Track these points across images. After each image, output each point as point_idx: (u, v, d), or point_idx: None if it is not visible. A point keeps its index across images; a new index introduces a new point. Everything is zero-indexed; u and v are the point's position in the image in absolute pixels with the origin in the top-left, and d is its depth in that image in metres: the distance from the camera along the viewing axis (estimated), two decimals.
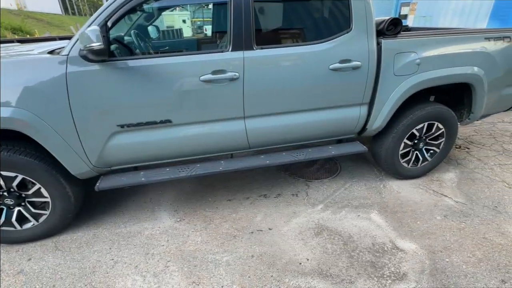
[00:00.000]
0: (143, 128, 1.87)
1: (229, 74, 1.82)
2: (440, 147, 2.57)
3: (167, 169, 2.07)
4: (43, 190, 1.86)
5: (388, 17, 2.08)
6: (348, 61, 2.00)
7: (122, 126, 1.82)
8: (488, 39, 2.25)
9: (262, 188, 2.57)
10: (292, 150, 2.32)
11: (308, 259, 1.82)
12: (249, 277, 1.70)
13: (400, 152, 2.47)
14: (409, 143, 2.48)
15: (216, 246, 1.94)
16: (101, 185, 1.91)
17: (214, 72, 1.80)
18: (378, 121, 2.28)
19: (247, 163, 2.14)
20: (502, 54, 2.32)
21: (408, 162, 2.57)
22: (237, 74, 1.83)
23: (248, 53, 1.85)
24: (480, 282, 1.64)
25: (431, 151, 2.59)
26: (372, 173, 2.77)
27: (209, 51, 1.85)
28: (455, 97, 2.58)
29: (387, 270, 1.73)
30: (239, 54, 1.84)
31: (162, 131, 1.92)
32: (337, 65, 1.98)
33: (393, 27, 2.09)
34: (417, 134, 2.44)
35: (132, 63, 1.71)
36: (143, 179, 1.97)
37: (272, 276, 1.70)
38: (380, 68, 2.08)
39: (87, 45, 1.46)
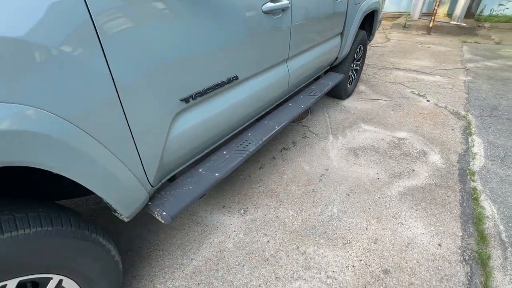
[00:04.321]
0: (210, 97, 1.20)
1: (284, 2, 1.45)
2: (359, 66, 3.32)
3: (225, 152, 1.48)
4: (67, 282, 0.87)
5: None
6: None
7: (186, 100, 1.08)
8: None
9: (275, 144, 2.37)
10: (303, 92, 2.25)
11: (377, 173, 2.02)
12: (369, 208, 1.71)
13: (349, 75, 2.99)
14: (352, 66, 3.02)
15: (313, 207, 1.72)
16: (170, 210, 1.11)
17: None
18: (346, 48, 2.60)
19: (289, 113, 1.89)
20: None
21: (349, 83, 3.16)
22: (288, 1, 1.49)
23: None
24: (447, 135, 2.50)
25: (355, 70, 3.30)
26: (329, 101, 3.18)
27: None
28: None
29: (414, 153, 2.26)
30: None
31: (228, 94, 1.32)
32: None
33: None
34: (356, 57, 3.01)
35: None
36: (217, 174, 1.32)
37: (379, 197, 1.80)
38: None
39: None
